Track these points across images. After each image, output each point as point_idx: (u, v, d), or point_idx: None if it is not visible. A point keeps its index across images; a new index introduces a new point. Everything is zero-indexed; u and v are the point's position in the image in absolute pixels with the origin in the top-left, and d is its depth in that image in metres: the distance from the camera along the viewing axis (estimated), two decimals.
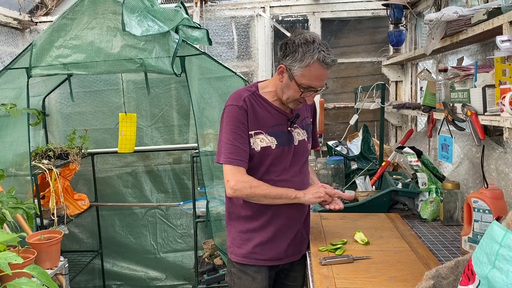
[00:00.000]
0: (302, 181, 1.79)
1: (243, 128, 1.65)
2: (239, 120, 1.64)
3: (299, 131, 1.76)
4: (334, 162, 2.50)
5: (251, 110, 1.66)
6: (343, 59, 3.62)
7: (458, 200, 1.90)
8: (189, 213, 3.26)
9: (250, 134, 1.66)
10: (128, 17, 2.45)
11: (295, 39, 1.57)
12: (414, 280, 1.34)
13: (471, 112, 1.56)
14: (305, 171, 1.83)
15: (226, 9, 3.57)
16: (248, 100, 1.67)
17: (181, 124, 3.60)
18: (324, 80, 1.61)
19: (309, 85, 1.58)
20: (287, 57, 1.59)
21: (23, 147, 2.71)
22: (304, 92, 1.60)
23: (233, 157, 1.63)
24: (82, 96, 3.57)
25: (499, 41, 1.35)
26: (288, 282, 1.91)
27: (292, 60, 1.57)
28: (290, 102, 1.66)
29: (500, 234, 0.88)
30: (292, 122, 1.72)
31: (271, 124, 1.69)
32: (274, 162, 1.70)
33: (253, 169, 1.69)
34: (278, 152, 1.69)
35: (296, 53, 1.55)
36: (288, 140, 1.72)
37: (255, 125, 1.67)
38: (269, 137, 1.68)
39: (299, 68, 1.56)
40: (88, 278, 3.79)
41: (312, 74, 1.56)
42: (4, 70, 2.68)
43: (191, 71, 2.65)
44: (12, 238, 1.75)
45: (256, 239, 1.74)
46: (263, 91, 1.73)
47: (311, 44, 1.54)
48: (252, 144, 1.67)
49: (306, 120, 1.82)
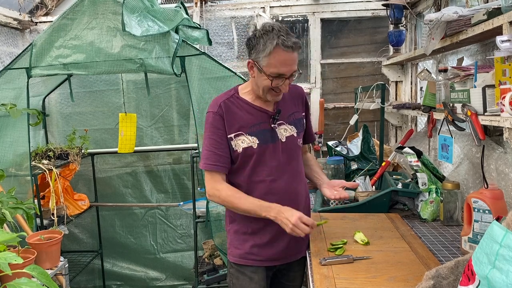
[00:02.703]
0: (295, 178, 1.77)
1: (219, 133, 1.68)
2: (215, 126, 1.69)
3: (285, 127, 1.75)
4: (334, 162, 2.50)
5: (228, 114, 1.69)
6: (343, 59, 3.62)
7: (458, 200, 1.90)
8: (189, 213, 3.27)
9: (230, 137, 1.69)
10: (128, 17, 2.45)
11: (256, 33, 1.60)
12: (414, 280, 1.34)
13: (471, 112, 1.56)
14: (299, 169, 1.81)
15: (226, 9, 3.57)
16: (223, 104, 1.70)
17: (181, 124, 3.60)
18: (292, 65, 1.60)
19: (278, 73, 1.59)
20: (252, 51, 1.62)
21: (23, 147, 2.71)
22: (275, 80, 1.60)
23: (209, 162, 1.69)
24: (82, 96, 3.57)
25: (499, 41, 1.35)
26: (286, 281, 1.91)
27: (257, 53, 1.59)
28: (267, 95, 1.67)
29: (500, 234, 0.88)
30: (274, 119, 1.72)
31: (251, 123, 1.70)
32: (259, 161, 1.70)
33: (239, 171, 1.72)
34: (260, 151, 1.69)
35: (258, 44, 1.58)
36: (271, 137, 1.71)
37: (234, 127, 1.69)
38: (249, 137, 1.69)
39: (264, 58, 1.57)
40: (88, 278, 3.80)
41: (277, 61, 1.57)
42: (4, 70, 2.68)
43: (191, 71, 2.65)
44: (12, 238, 1.75)
45: (254, 240, 1.75)
46: (243, 92, 1.75)
47: (270, 33, 1.56)
48: (234, 146, 1.69)
49: (295, 115, 1.80)
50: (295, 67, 1.62)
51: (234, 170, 1.73)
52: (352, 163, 2.67)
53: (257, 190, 1.71)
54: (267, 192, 1.71)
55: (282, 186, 1.72)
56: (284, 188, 1.73)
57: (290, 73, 1.61)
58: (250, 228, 1.75)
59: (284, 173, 1.73)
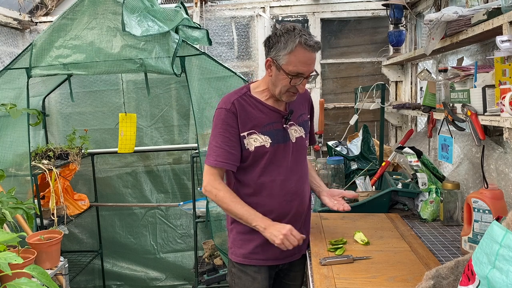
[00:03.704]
0: (302, 179, 1.79)
1: (231, 131, 1.66)
2: (227, 123, 1.66)
3: (295, 128, 1.75)
4: (334, 162, 2.50)
5: (241, 112, 1.67)
6: (343, 59, 3.62)
7: (458, 200, 1.90)
8: (189, 213, 3.27)
9: (243, 135, 1.67)
10: (128, 17, 2.45)
11: (277, 32, 1.60)
12: (414, 280, 1.34)
13: (471, 112, 1.56)
14: (305, 170, 1.83)
15: (226, 9, 3.57)
16: (237, 102, 1.68)
17: (181, 124, 3.60)
18: (311, 65, 1.61)
19: (297, 72, 1.58)
20: (271, 49, 1.61)
21: (23, 147, 2.71)
22: (293, 79, 1.60)
23: (220, 160, 1.66)
24: (82, 96, 3.57)
25: (499, 41, 1.35)
26: (288, 281, 1.91)
27: (277, 51, 1.59)
28: (283, 95, 1.66)
29: (500, 234, 0.88)
30: (286, 119, 1.72)
31: (264, 123, 1.69)
32: (272, 161, 1.70)
33: (249, 169, 1.71)
34: (273, 151, 1.69)
35: (279, 43, 1.58)
36: (283, 137, 1.71)
37: (247, 125, 1.68)
38: (262, 136, 1.68)
39: (284, 56, 1.57)
40: (88, 278, 3.79)
41: (298, 59, 1.57)
42: (4, 70, 2.68)
43: (191, 71, 2.65)
44: (12, 238, 1.75)
45: (257, 240, 1.74)
46: (255, 91, 1.73)
47: (292, 32, 1.56)
48: (246, 144, 1.68)
49: (303, 116, 1.81)
50: (313, 67, 1.63)
51: (244, 169, 1.72)
52: (352, 163, 2.67)
53: (266, 190, 1.71)
54: (277, 192, 1.71)
55: (292, 186, 1.72)
56: (294, 189, 1.74)
57: (309, 73, 1.61)
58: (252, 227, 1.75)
59: (294, 173, 1.74)
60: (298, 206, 1.76)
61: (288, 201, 1.73)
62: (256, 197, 1.71)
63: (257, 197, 1.71)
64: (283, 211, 1.72)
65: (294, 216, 1.76)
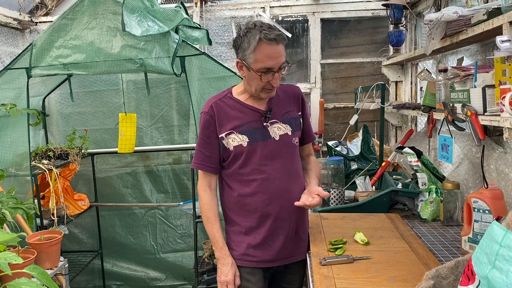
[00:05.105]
0: (291, 179, 1.74)
1: (209, 134, 1.73)
2: (205, 126, 1.73)
3: (279, 125, 1.74)
4: (334, 162, 2.50)
5: (220, 114, 1.71)
6: (343, 59, 3.62)
7: (458, 200, 1.90)
8: (189, 213, 3.26)
9: (221, 136, 1.71)
10: (128, 17, 2.45)
11: (240, 32, 1.63)
12: (414, 280, 1.34)
13: (471, 112, 1.56)
14: (295, 168, 1.78)
15: (226, 9, 3.57)
16: (215, 105, 1.73)
17: (181, 124, 3.60)
18: (278, 58, 1.60)
19: (265, 67, 1.59)
20: (238, 51, 1.65)
21: (23, 147, 2.70)
22: (264, 76, 1.60)
23: (195, 161, 1.77)
24: (82, 96, 3.57)
25: (499, 41, 1.35)
26: (285, 284, 1.88)
27: (243, 51, 1.61)
28: (260, 93, 1.68)
29: (500, 234, 0.88)
30: (265, 117, 1.72)
31: (243, 122, 1.71)
32: (249, 160, 1.70)
33: (231, 169, 1.75)
34: (250, 149, 1.70)
35: (243, 43, 1.61)
36: (262, 136, 1.71)
37: (226, 126, 1.71)
38: (240, 135, 1.70)
39: (250, 55, 1.59)
40: (88, 278, 3.79)
41: (263, 55, 1.58)
42: (4, 70, 2.67)
43: (191, 71, 2.65)
44: (12, 238, 1.75)
45: (248, 241, 1.74)
46: (236, 92, 1.77)
47: (253, 29, 1.58)
48: (226, 144, 1.71)
49: (290, 113, 1.78)
50: (282, 59, 1.62)
51: (227, 169, 1.76)
52: (352, 163, 2.67)
53: (249, 188, 1.71)
54: (258, 190, 1.70)
55: (275, 185, 1.70)
56: (277, 188, 1.71)
57: (278, 66, 1.61)
58: (244, 228, 1.75)
59: (278, 171, 1.72)
60: (284, 206, 1.72)
61: (270, 200, 1.70)
62: (240, 196, 1.73)
63: (241, 196, 1.73)
64: (265, 210, 1.71)
65: (279, 217, 1.72)
